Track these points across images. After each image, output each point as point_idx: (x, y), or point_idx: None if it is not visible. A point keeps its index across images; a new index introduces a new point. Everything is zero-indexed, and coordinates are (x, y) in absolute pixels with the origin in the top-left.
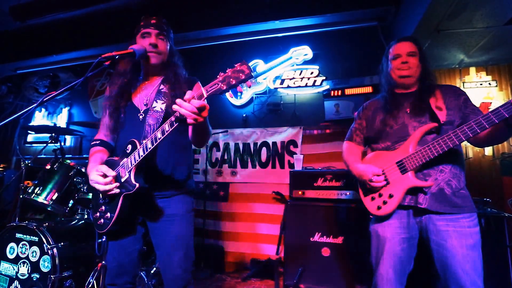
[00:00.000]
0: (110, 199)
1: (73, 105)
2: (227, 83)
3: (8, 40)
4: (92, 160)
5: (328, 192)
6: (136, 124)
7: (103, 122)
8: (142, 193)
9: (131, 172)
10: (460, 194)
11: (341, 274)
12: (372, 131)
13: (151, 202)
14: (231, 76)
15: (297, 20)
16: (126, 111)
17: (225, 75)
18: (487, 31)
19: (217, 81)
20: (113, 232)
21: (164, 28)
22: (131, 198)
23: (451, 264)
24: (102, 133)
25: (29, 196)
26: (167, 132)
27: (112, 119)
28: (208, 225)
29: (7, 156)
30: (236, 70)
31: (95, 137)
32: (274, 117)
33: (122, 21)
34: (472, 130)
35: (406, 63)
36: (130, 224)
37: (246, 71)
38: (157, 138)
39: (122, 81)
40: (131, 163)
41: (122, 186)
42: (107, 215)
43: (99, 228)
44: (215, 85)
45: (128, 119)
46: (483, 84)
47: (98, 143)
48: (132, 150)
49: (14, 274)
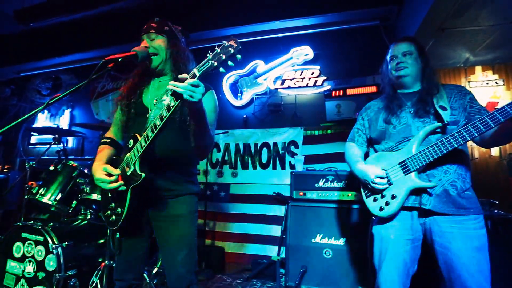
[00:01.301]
0: (119, 195)
1: (75, 106)
2: (217, 60)
3: (12, 44)
4: (97, 159)
5: (329, 193)
6: (143, 122)
7: (114, 121)
8: (148, 188)
9: (135, 164)
10: (466, 195)
11: (343, 275)
12: (374, 132)
13: (157, 200)
14: (221, 53)
15: (297, 20)
16: (136, 111)
17: (215, 53)
18: (493, 29)
19: (207, 59)
20: (124, 228)
21: (164, 30)
22: (139, 190)
23: (456, 267)
24: (112, 131)
25: (34, 197)
26: (165, 118)
27: (122, 119)
28: (209, 226)
29: (11, 157)
30: (224, 46)
31: (105, 134)
32: (275, 117)
33: (124, 23)
34: (477, 129)
35: (402, 63)
36: (138, 222)
37: (234, 45)
38: (156, 125)
39: (134, 81)
40: (134, 155)
41: (128, 180)
42: (118, 210)
43: (112, 225)
44: (206, 63)
45: (137, 118)
46: (489, 83)
47: (107, 141)
48: (134, 143)
49: (20, 273)
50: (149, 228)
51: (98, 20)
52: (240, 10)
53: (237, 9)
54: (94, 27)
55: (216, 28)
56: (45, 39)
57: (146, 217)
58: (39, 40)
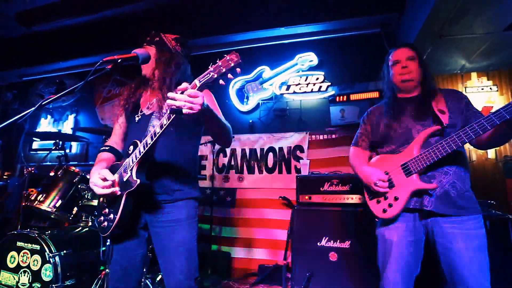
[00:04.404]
0: (113, 201)
1: (79, 112)
2: (217, 72)
3: (14, 47)
4: (96, 164)
5: (334, 197)
6: (140, 128)
7: (114, 131)
8: (145, 194)
9: (132, 170)
10: (465, 196)
11: (349, 278)
12: (377, 136)
13: (154, 206)
14: (222, 65)
15: (302, 27)
16: (134, 119)
17: (216, 65)
18: (487, 36)
19: (209, 71)
20: (116, 235)
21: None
22: (134, 197)
23: (458, 267)
24: (112, 140)
25: (32, 204)
26: (165, 126)
27: (121, 127)
28: (215, 231)
29: (11, 163)
30: (226, 60)
31: (105, 143)
32: (280, 122)
33: (128, 27)
34: (474, 132)
35: (406, 67)
36: (133, 228)
37: (235, 59)
38: (156, 132)
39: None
40: (132, 161)
41: (124, 186)
42: (110, 216)
43: (103, 231)
44: (206, 75)
45: (136, 126)
46: (484, 89)
47: (106, 149)
48: (134, 150)
49: (14, 284)
50: (146, 234)
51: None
52: (246, 16)
53: (243, 15)
54: (98, 31)
55: (223, 34)
56: (48, 43)
57: (142, 223)
58: (42, 44)
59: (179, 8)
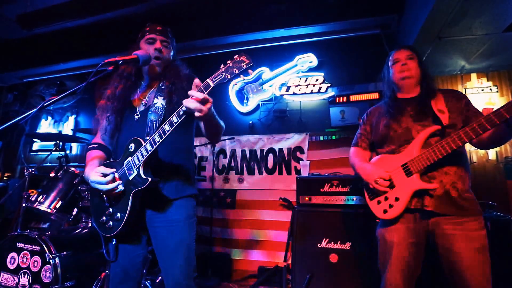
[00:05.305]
0: (117, 200)
1: (79, 113)
2: (230, 73)
3: (15, 49)
4: (89, 164)
5: (335, 198)
6: (135, 125)
7: (101, 126)
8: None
9: (139, 169)
10: (466, 196)
11: (349, 280)
12: (376, 136)
13: (157, 204)
14: (233, 67)
15: (302, 28)
16: (125, 114)
17: (227, 66)
18: (486, 38)
19: (221, 71)
20: (122, 234)
21: (169, 36)
22: (142, 195)
23: (459, 268)
24: (99, 137)
25: (32, 205)
26: (175, 124)
27: (110, 123)
28: (215, 233)
29: (12, 165)
30: (236, 61)
31: (92, 140)
32: (280, 123)
33: (129, 29)
34: (474, 132)
35: (405, 65)
36: (136, 228)
37: (246, 60)
38: (165, 131)
39: (124, 84)
40: (138, 159)
41: (130, 184)
42: (117, 216)
43: (108, 232)
44: (219, 75)
45: (127, 122)
46: (484, 90)
47: (95, 146)
48: (136, 148)
49: (14, 285)
50: (146, 235)
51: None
52: (246, 18)
53: (243, 17)
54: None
55: (223, 36)
56: (49, 45)
57: (143, 223)
58: (42, 46)
59: (179, 10)
